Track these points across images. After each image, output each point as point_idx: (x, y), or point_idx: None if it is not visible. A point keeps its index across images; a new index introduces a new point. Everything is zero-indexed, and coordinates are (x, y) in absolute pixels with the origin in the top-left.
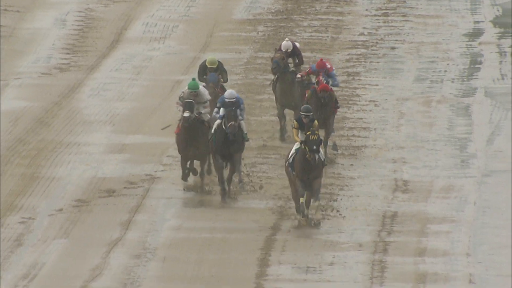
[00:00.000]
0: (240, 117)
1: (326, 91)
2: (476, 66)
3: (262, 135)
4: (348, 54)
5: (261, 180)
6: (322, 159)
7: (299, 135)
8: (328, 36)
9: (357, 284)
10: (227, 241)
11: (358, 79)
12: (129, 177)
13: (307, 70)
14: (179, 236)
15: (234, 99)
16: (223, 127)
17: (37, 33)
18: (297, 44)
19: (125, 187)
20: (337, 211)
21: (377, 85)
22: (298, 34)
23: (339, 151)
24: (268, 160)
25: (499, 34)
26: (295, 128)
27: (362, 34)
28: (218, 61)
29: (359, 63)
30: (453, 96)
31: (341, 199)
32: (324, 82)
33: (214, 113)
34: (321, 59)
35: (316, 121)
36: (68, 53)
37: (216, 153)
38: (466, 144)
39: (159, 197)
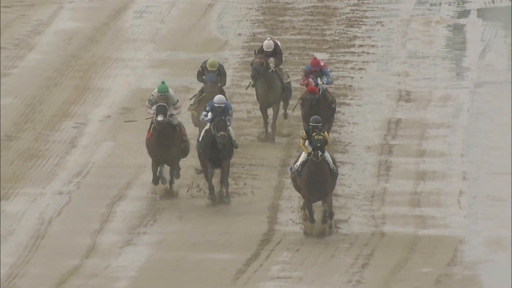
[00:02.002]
0: (228, 123)
1: (314, 93)
2: None
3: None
4: None
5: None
6: (331, 167)
7: (306, 145)
8: None
9: (365, 180)
10: (254, 146)
11: (367, 3)
12: None
13: (304, 73)
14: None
15: (223, 104)
16: (212, 131)
17: None
18: (278, 43)
19: None
20: (350, 116)
21: (383, 8)
22: None
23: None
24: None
25: None
26: (303, 138)
27: None
28: (219, 64)
29: None
30: (450, 18)
31: (352, 108)
32: (313, 84)
33: (202, 116)
34: (315, 58)
35: (326, 133)
36: None
37: (205, 158)
38: (461, 59)
39: None
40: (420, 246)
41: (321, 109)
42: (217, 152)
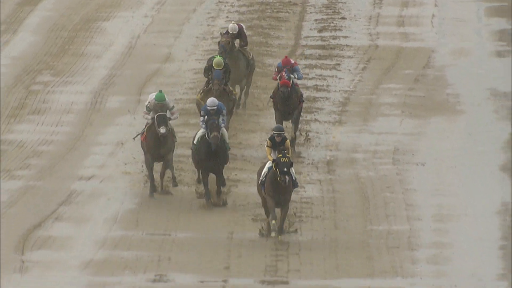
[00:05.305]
0: (222, 125)
1: (286, 86)
2: None
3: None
4: None
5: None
6: (293, 178)
7: (271, 154)
8: None
9: (364, 7)
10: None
11: None
12: None
13: (275, 70)
14: None
15: (215, 107)
16: (207, 137)
17: None
18: (243, 26)
19: None
20: None
21: None
22: None
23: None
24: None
25: None
26: (268, 146)
27: None
28: (224, 63)
29: None
30: None
31: None
32: (286, 78)
33: (200, 122)
34: (286, 56)
35: (288, 141)
36: None
37: (200, 166)
38: None
39: None
40: (404, 55)
41: (291, 100)
42: (211, 159)
